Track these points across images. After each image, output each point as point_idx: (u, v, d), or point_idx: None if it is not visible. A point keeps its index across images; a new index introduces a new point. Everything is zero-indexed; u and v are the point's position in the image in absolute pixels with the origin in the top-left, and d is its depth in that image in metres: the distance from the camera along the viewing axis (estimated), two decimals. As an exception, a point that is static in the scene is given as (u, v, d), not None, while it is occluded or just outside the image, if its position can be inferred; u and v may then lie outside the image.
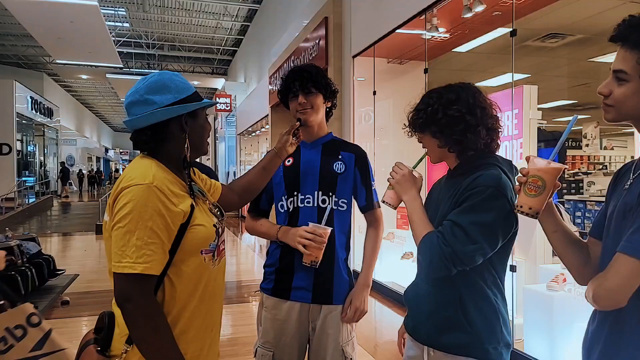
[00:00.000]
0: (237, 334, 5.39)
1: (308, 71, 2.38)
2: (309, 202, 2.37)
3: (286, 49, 11.63)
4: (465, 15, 5.99)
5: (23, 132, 24.01)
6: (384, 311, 6.44)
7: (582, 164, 12.49)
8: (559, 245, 1.60)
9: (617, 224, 1.40)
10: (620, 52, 1.37)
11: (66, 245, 12.95)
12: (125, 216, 1.50)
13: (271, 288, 2.42)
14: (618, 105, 1.39)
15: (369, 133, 7.99)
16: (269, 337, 2.40)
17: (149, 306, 1.51)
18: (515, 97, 4.97)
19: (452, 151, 1.86)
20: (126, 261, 1.48)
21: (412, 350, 1.99)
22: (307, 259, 2.26)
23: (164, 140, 1.68)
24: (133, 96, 1.65)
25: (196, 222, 1.63)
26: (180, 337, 1.59)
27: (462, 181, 1.79)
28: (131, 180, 1.55)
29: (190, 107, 1.68)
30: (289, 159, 2.44)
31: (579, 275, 1.59)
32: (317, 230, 2.23)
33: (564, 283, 4.16)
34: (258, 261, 10.40)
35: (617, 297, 1.31)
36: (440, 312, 1.82)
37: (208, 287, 1.69)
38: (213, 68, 27.88)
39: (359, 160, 2.49)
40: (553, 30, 7.98)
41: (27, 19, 15.47)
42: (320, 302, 2.37)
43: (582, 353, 1.54)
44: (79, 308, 6.54)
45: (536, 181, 1.50)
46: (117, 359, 1.56)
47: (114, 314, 1.63)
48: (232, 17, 20.18)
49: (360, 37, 7.93)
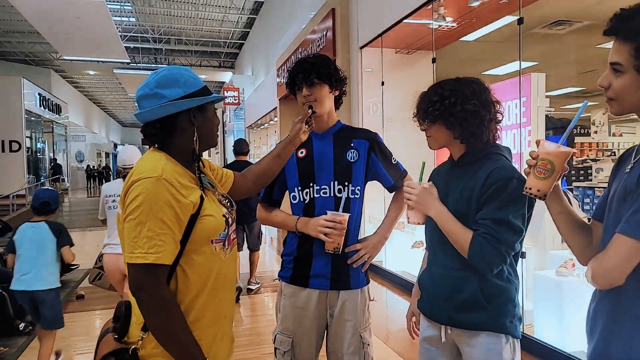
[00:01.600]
0: (251, 324, 5.45)
1: (311, 62, 2.39)
2: (325, 193, 2.40)
3: (293, 41, 11.63)
4: (472, 4, 6.00)
5: (32, 129, 24.07)
6: (396, 300, 6.49)
7: (591, 150, 12.42)
8: (564, 226, 1.65)
9: (617, 206, 1.45)
10: (614, 45, 1.40)
11: (79, 240, 13.03)
12: (137, 208, 1.55)
13: (290, 276, 2.46)
14: (619, 98, 1.42)
15: (377, 124, 8.00)
16: (288, 324, 2.44)
17: (161, 294, 1.55)
18: (523, 85, 4.98)
19: (463, 142, 1.95)
20: (138, 252, 1.53)
21: (429, 331, 2.07)
22: (330, 246, 2.30)
23: (173, 133, 1.72)
24: (143, 90, 1.70)
25: (206, 212, 1.67)
26: (194, 325, 1.64)
27: (471, 171, 1.91)
28: (141, 173, 1.59)
29: (198, 100, 1.72)
30: (302, 150, 2.47)
31: (582, 256, 1.63)
32: (337, 217, 2.27)
33: (573, 268, 4.19)
34: (269, 252, 10.45)
35: (614, 276, 1.37)
36: (459, 294, 1.92)
37: (220, 276, 1.73)
38: (220, 61, 27.87)
39: (373, 145, 2.50)
40: (560, 17, 7.94)
41: (33, 15, 15.52)
42: (338, 287, 2.41)
43: (586, 330, 1.58)
44: (93, 302, 6.64)
45: (545, 164, 1.55)
46: (134, 346, 1.61)
47: (130, 303, 1.69)
48: (239, 9, 20.15)
49: (367, 27, 7.94)
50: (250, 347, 4.72)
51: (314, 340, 2.45)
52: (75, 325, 5.70)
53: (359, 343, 2.41)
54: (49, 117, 25.72)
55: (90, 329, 5.60)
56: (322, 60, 2.44)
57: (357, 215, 2.47)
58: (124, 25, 21.74)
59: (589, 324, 1.57)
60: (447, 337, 1.99)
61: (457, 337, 1.97)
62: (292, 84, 2.46)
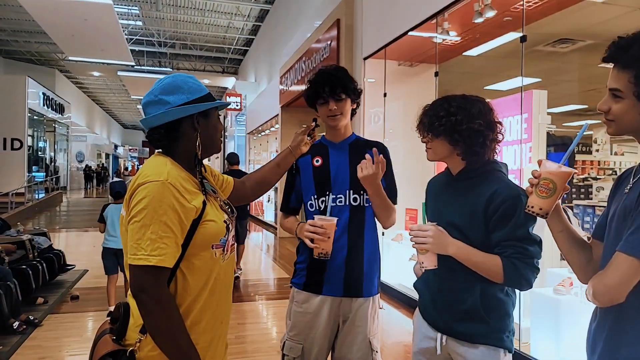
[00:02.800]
0: (244, 332, 5.43)
1: (337, 76, 2.42)
2: (340, 202, 2.44)
3: (298, 50, 11.67)
4: (476, 21, 6.01)
5: (34, 127, 24.15)
6: (392, 313, 6.46)
7: (592, 169, 12.42)
8: (564, 244, 1.68)
9: (617, 225, 1.47)
10: (613, 72, 1.45)
11: (75, 240, 13.04)
12: (141, 211, 1.57)
13: (303, 283, 2.49)
14: (618, 120, 1.47)
15: (379, 134, 8.01)
16: (299, 330, 2.46)
17: (162, 297, 1.57)
18: (525, 101, 4.99)
19: (464, 159, 1.97)
20: (141, 253, 1.55)
21: (424, 343, 2.10)
22: (315, 252, 2.30)
23: (177, 138, 1.76)
24: (149, 97, 1.74)
25: (208, 217, 1.70)
26: (192, 328, 1.65)
27: (471, 185, 1.95)
28: (147, 177, 1.62)
29: (201, 107, 1.75)
30: (318, 159, 2.51)
31: (582, 274, 1.66)
32: (317, 222, 2.27)
33: (571, 287, 4.17)
34: (265, 260, 10.46)
35: (614, 294, 1.38)
36: (460, 305, 1.94)
37: (218, 281, 1.75)
38: (224, 67, 27.95)
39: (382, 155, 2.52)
40: (563, 36, 7.97)
41: (41, 16, 15.61)
42: (350, 295, 2.43)
43: (587, 349, 1.60)
44: (88, 303, 6.61)
45: (547, 183, 1.57)
46: (131, 348, 1.62)
47: (129, 304, 1.70)
48: (244, 16, 20.25)
49: (371, 39, 7.97)
50: (244, 354, 4.71)
51: (325, 347, 2.48)
52: (69, 326, 5.69)
53: (368, 349, 2.45)
54: (52, 116, 25.81)
55: (83, 330, 5.58)
56: (345, 73, 2.47)
57: (372, 224, 2.51)
58: (130, 28, 21.83)
59: (589, 343, 1.59)
60: (442, 348, 2.01)
61: (454, 348, 1.99)
62: (315, 96, 2.46)
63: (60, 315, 6.08)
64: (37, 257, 7.00)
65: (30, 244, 7.00)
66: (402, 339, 5.45)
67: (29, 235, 7.32)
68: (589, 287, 1.47)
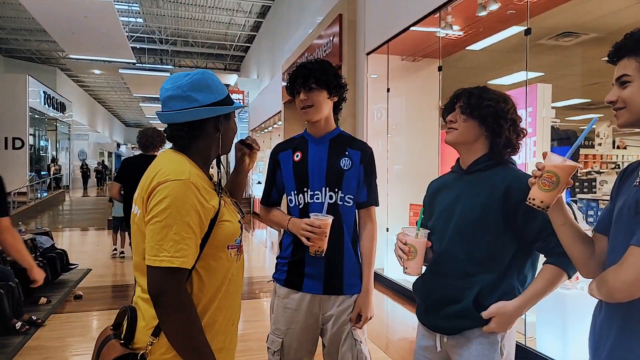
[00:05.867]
0: (249, 329, 5.41)
1: (310, 68, 2.40)
2: (317, 198, 2.42)
3: (300, 46, 11.63)
4: (479, 14, 5.97)
5: (36, 126, 24.18)
6: (396, 308, 6.45)
7: (595, 162, 12.40)
8: (566, 238, 1.65)
9: (628, 219, 1.44)
10: (620, 63, 1.47)
11: (78, 240, 13.04)
12: (163, 211, 1.53)
13: (284, 279, 2.50)
14: (629, 106, 1.45)
15: (382, 130, 8.00)
16: (280, 325, 2.49)
17: (183, 299, 1.54)
18: (529, 95, 4.95)
19: (492, 147, 1.98)
20: (164, 255, 1.51)
21: (425, 341, 2.11)
22: (311, 250, 2.32)
23: (198, 137, 1.72)
24: (175, 91, 1.67)
25: (224, 217, 1.68)
26: (206, 330, 1.62)
27: (483, 176, 1.96)
28: (167, 175, 1.58)
29: (229, 109, 1.75)
30: (298, 154, 2.49)
31: (584, 268, 1.64)
32: (315, 222, 2.28)
33: (577, 281, 4.15)
34: (270, 257, 10.43)
35: (634, 289, 1.35)
36: (455, 304, 1.94)
37: (232, 282, 1.74)
38: (226, 64, 27.94)
39: (364, 157, 2.51)
40: (567, 29, 7.93)
41: (41, 13, 15.58)
42: (331, 292, 2.44)
43: (590, 343, 1.58)
44: (91, 302, 6.59)
45: (551, 177, 1.55)
46: (142, 351, 1.58)
47: (135, 308, 1.66)
48: (246, 13, 20.20)
49: (374, 34, 7.93)
50: (249, 352, 4.69)
51: (305, 342, 2.49)
52: (73, 326, 5.66)
53: (352, 340, 2.45)
54: (53, 115, 25.85)
55: (87, 330, 5.56)
56: (322, 65, 2.44)
57: (350, 223, 2.49)
58: (131, 25, 21.80)
59: (594, 337, 1.56)
60: (443, 345, 2.01)
61: (451, 347, 1.99)
62: (291, 87, 2.48)
63: (64, 315, 6.06)
64: (40, 256, 6.98)
65: (32, 244, 6.99)
66: (407, 335, 5.43)
67: (31, 234, 7.30)
68: (600, 282, 1.44)
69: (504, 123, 1.94)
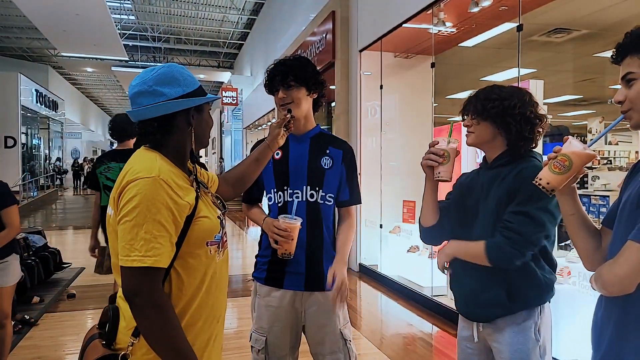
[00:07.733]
0: (243, 326, 5.40)
1: (288, 65, 2.39)
2: (297, 197, 2.42)
3: (293, 43, 11.62)
4: (472, 10, 5.99)
5: (28, 125, 24.04)
6: (390, 304, 6.45)
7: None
8: (574, 228, 1.66)
9: (630, 212, 1.45)
10: (625, 62, 1.47)
11: (72, 238, 12.99)
12: (133, 209, 1.50)
13: (264, 277, 2.50)
14: (635, 105, 1.45)
15: (375, 127, 8.00)
16: (263, 323, 2.48)
17: (158, 299, 1.50)
18: (521, 91, 4.96)
19: (510, 144, 2.05)
20: (135, 255, 1.47)
21: (465, 331, 2.22)
22: (278, 252, 2.33)
23: (169, 132, 1.68)
24: (141, 87, 1.64)
25: (201, 214, 1.64)
26: (189, 329, 1.60)
27: (506, 170, 2.02)
28: (137, 173, 1.54)
29: (198, 100, 1.70)
30: (278, 152, 2.47)
31: (589, 261, 1.65)
32: (281, 225, 2.28)
33: (569, 276, 4.17)
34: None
35: (625, 284, 1.37)
36: (484, 293, 2.04)
37: (214, 279, 1.70)
38: (219, 61, 27.84)
39: (346, 156, 2.52)
40: (559, 25, 7.95)
41: (32, 11, 15.47)
42: (312, 289, 2.44)
43: (592, 337, 1.58)
44: (85, 301, 6.57)
45: (564, 160, 1.55)
46: (123, 352, 1.56)
47: (117, 308, 1.64)
48: (239, 10, 20.13)
49: (367, 31, 7.93)
50: (243, 349, 4.68)
51: (288, 340, 2.49)
52: (66, 324, 5.65)
53: (340, 340, 2.46)
54: (46, 113, 25.71)
55: (81, 329, 5.53)
56: (300, 62, 2.43)
57: (329, 223, 2.51)
58: (123, 23, 21.67)
59: (595, 332, 1.57)
60: (480, 334, 2.11)
61: (487, 335, 2.10)
62: (270, 85, 2.46)
63: (57, 314, 6.04)
64: (32, 255, 6.94)
65: (24, 243, 6.95)
66: (401, 331, 5.43)
67: (23, 233, 7.26)
68: (597, 275, 1.45)
69: (511, 120, 1.99)
